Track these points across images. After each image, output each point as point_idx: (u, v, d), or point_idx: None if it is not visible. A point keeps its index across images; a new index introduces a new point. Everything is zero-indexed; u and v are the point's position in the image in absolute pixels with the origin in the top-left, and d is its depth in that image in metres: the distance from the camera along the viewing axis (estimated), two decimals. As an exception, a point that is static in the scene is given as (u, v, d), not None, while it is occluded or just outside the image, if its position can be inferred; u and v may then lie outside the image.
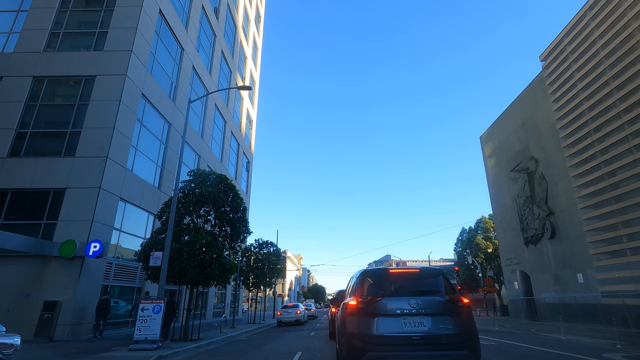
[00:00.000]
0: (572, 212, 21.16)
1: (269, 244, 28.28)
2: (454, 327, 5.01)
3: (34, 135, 15.21)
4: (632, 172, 16.42)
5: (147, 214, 17.96)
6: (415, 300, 5.14)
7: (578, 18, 20.29)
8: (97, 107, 15.31)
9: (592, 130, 18.91)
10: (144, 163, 17.71)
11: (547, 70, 22.86)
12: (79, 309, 12.94)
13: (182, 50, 21.96)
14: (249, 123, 39.60)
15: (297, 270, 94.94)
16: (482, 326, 20.04)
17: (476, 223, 47.52)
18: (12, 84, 15.76)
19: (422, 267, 5.89)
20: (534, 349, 10.59)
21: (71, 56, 16.38)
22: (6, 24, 17.39)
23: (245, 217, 15.23)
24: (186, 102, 21.02)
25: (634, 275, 16.17)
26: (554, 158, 22.94)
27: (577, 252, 20.88)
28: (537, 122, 24.82)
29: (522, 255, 26.99)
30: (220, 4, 29.47)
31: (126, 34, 16.60)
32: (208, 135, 26.17)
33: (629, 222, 16.69)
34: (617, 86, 17.39)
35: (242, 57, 36.37)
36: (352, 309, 5.34)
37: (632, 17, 16.69)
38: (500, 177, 30.34)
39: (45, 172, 14.32)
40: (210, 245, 12.90)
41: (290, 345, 11.73)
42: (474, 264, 41.68)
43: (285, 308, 24.61)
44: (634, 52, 16.50)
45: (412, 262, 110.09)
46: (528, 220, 25.99)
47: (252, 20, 40.45)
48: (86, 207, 13.84)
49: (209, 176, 14.83)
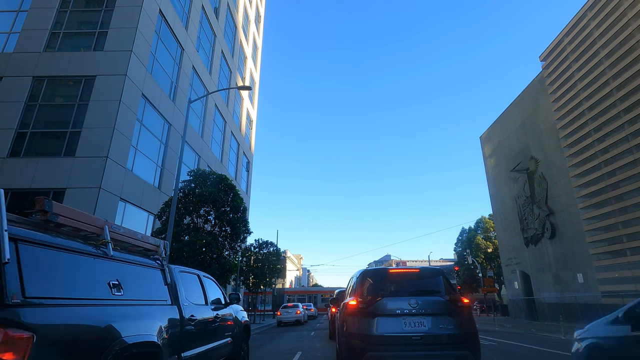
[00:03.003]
0: (572, 212, 21.17)
1: (269, 244, 28.31)
2: (454, 327, 5.01)
3: (34, 135, 15.21)
4: (632, 172, 16.42)
5: (147, 214, 17.96)
6: (415, 300, 5.14)
7: (578, 18, 20.30)
8: (97, 107, 15.31)
9: (592, 130, 18.91)
10: (144, 163, 17.71)
11: (547, 70, 22.86)
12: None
13: (182, 50, 21.96)
14: (249, 123, 39.61)
15: (297, 270, 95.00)
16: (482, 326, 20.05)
17: (476, 223, 47.58)
18: (12, 84, 15.77)
19: (422, 267, 5.90)
20: (534, 349, 10.60)
21: (71, 56, 16.38)
22: (6, 24, 17.39)
23: (245, 217, 15.24)
24: (186, 102, 21.03)
25: (634, 275, 16.17)
26: (554, 158, 22.95)
27: (577, 252, 20.89)
28: (537, 122, 24.84)
29: (522, 255, 27.00)
30: (220, 3, 29.47)
31: (126, 34, 16.60)
32: (208, 135, 26.17)
33: (629, 222, 16.70)
34: (617, 86, 17.39)
35: (242, 57, 36.38)
36: (352, 309, 5.35)
37: (632, 17, 16.69)
38: (500, 177, 30.36)
39: (45, 172, 14.32)
40: (210, 245, 12.91)
41: (290, 345, 11.74)
42: (474, 264, 41.70)
43: (285, 308, 24.61)
44: (634, 52, 16.50)
45: (412, 262, 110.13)
46: (528, 220, 26.00)
47: (252, 20, 40.46)
48: (86, 207, 13.83)
49: (209, 176, 14.84)
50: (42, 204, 3.02)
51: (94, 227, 3.50)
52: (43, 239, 2.79)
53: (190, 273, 5.52)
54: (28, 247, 2.61)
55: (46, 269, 2.73)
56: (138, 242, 4.26)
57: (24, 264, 2.49)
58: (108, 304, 3.19)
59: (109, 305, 3.19)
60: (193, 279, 5.51)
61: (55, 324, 2.57)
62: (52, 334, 2.50)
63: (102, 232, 3.58)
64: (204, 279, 5.93)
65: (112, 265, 3.52)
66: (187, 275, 5.34)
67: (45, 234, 2.88)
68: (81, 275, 3.06)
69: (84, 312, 2.88)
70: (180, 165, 13.14)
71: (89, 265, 3.19)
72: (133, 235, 4.18)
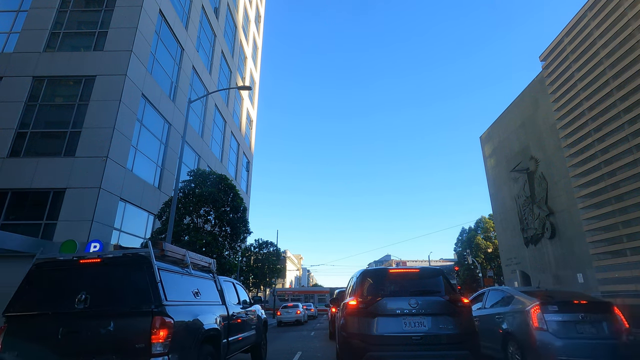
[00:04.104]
0: (572, 212, 21.17)
1: (269, 244, 28.28)
2: (454, 327, 5.01)
3: (34, 135, 15.21)
4: (632, 172, 16.41)
5: (147, 214, 17.96)
6: (415, 300, 5.14)
7: (578, 18, 20.29)
8: (97, 107, 15.31)
9: (592, 130, 18.90)
10: (144, 163, 17.71)
11: (547, 70, 22.86)
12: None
13: (182, 50, 21.96)
14: (249, 123, 39.60)
15: (297, 270, 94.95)
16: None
17: (476, 223, 47.58)
18: (12, 84, 15.76)
19: (422, 267, 5.89)
20: (534, 349, 10.57)
21: (71, 56, 16.37)
22: (6, 24, 17.38)
23: (245, 217, 15.24)
24: (186, 102, 21.03)
25: (634, 275, 16.16)
26: (554, 158, 22.95)
27: (577, 252, 20.88)
28: (537, 122, 24.84)
29: (522, 255, 27.00)
30: (220, 3, 29.47)
31: (126, 34, 16.59)
32: (208, 135, 26.17)
33: (629, 222, 16.68)
34: (617, 86, 17.38)
35: (242, 57, 36.38)
36: (352, 309, 5.34)
37: (632, 17, 16.68)
38: (500, 177, 30.36)
39: (45, 172, 14.32)
40: (210, 245, 12.91)
41: (290, 345, 11.73)
42: (474, 264, 41.70)
43: (285, 308, 24.59)
44: (634, 52, 16.49)
45: (412, 262, 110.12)
46: (528, 220, 26.00)
47: (252, 20, 40.45)
48: (86, 207, 13.84)
49: (209, 176, 14.84)
50: (161, 245, 4.90)
51: (180, 255, 5.42)
52: (166, 266, 4.70)
53: (228, 281, 7.35)
54: (163, 272, 4.46)
55: (169, 283, 4.50)
56: (201, 262, 6.23)
57: (164, 281, 4.31)
58: (195, 304, 5.03)
59: (195, 305, 5.01)
60: (230, 285, 7.32)
61: (179, 315, 4.30)
62: (179, 320, 4.23)
63: (184, 258, 5.50)
64: (236, 285, 7.81)
65: (193, 280, 5.43)
66: (227, 283, 7.16)
67: (165, 263, 4.78)
68: (182, 287, 4.90)
69: (187, 309, 4.68)
70: (180, 165, 13.14)
71: (183, 280, 5.09)
72: (199, 258, 6.20)
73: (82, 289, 4.08)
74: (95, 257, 4.44)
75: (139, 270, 4.23)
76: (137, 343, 3.81)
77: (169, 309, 4.09)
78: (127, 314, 3.97)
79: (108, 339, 3.86)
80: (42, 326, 4.02)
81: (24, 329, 4.03)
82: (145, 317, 3.91)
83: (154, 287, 4.09)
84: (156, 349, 3.80)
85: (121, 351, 3.81)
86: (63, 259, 4.68)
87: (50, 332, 3.90)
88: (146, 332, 3.82)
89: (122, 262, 4.40)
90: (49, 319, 4.02)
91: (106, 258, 4.45)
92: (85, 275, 4.27)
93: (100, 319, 3.94)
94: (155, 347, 3.80)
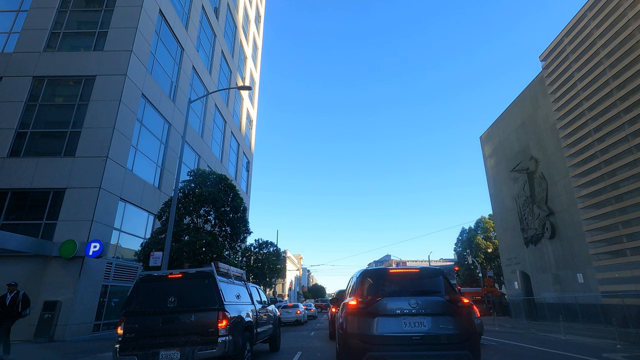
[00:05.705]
0: (572, 212, 21.17)
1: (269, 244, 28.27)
2: (454, 327, 5.00)
3: (34, 135, 15.21)
4: (632, 172, 16.41)
5: (147, 214, 17.96)
6: (415, 300, 5.13)
7: (578, 18, 20.29)
8: (97, 107, 15.31)
9: (592, 130, 18.90)
10: (144, 163, 17.71)
11: (547, 70, 22.85)
12: (79, 309, 12.94)
13: (182, 50, 21.96)
14: (249, 123, 39.60)
15: (297, 270, 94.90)
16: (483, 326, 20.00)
17: (476, 223, 47.58)
18: (12, 84, 15.76)
19: (422, 267, 5.89)
20: (534, 349, 10.60)
21: (71, 56, 16.37)
22: (6, 24, 17.38)
23: (245, 217, 15.23)
24: (186, 102, 21.03)
25: (634, 275, 16.16)
26: (554, 158, 22.94)
27: (577, 252, 20.88)
28: (537, 122, 24.83)
29: (522, 255, 27.00)
30: (220, 3, 29.46)
31: (126, 34, 16.59)
32: (208, 135, 26.16)
33: (629, 222, 16.68)
34: (617, 86, 17.39)
35: (242, 57, 36.37)
36: (352, 309, 5.34)
37: (632, 17, 16.69)
38: (500, 177, 30.35)
39: (45, 172, 14.32)
40: (210, 245, 12.91)
41: (290, 345, 11.73)
42: (474, 264, 41.70)
43: (285, 308, 24.57)
44: (634, 52, 16.49)
45: (412, 262, 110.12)
46: (528, 220, 25.99)
47: (252, 20, 40.44)
48: (86, 207, 13.84)
49: (209, 176, 14.83)
50: (217, 265, 7.06)
51: (226, 270, 7.55)
52: (220, 278, 6.65)
53: (253, 287, 9.37)
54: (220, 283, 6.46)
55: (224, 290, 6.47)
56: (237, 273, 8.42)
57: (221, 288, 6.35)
58: (238, 304, 7.05)
59: (238, 304, 7.03)
60: (255, 290, 9.32)
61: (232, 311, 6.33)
62: (232, 315, 6.25)
63: (228, 271, 7.69)
64: (258, 289, 9.84)
65: (235, 286, 7.49)
66: (252, 288, 9.18)
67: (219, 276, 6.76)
68: (230, 292, 6.88)
69: (235, 307, 6.68)
70: (180, 165, 13.14)
71: (230, 287, 7.07)
72: (236, 271, 8.37)
73: (171, 294, 6.09)
74: (178, 274, 6.43)
75: (206, 281, 6.30)
76: (209, 328, 5.84)
77: (227, 307, 6.16)
78: (202, 310, 5.98)
79: (191, 326, 5.86)
80: (148, 318, 5.95)
81: (137, 320, 5.95)
82: (213, 312, 5.97)
83: (217, 292, 6.18)
84: (221, 332, 5.85)
85: (200, 334, 5.82)
86: (157, 274, 6.57)
87: (154, 322, 5.89)
88: (214, 322, 5.88)
89: (195, 276, 6.40)
90: (152, 314, 5.97)
91: (185, 274, 6.43)
92: (173, 285, 6.26)
93: (185, 314, 5.92)
94: (220, 331, 5.85)
